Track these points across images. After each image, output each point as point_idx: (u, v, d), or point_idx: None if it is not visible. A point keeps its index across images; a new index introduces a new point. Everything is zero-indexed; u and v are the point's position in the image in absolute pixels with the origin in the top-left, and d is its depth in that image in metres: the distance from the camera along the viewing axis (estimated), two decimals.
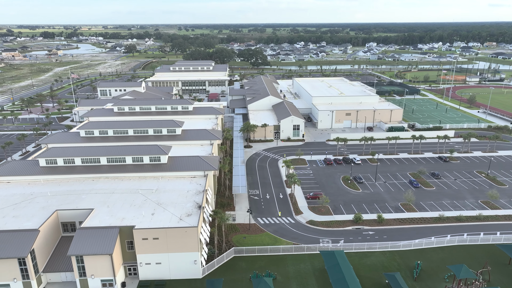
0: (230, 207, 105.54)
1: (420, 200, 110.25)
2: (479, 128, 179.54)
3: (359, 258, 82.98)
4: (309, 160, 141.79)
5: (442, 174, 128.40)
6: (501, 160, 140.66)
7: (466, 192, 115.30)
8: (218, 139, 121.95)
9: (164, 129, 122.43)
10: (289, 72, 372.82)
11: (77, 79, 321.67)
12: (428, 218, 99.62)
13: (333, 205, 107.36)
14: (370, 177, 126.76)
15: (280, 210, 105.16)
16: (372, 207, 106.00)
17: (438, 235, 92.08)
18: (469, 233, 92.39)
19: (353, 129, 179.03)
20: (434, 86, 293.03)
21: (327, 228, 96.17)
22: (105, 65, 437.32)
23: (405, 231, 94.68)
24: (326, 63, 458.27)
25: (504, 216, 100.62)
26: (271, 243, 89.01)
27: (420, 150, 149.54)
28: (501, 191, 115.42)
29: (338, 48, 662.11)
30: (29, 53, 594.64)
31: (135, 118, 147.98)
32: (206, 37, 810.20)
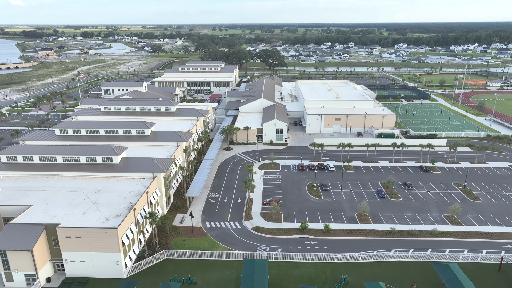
0: (184, 209, 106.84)
1: (380, 211, 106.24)
2: (477, 137, 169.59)
3: (288, 268, 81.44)
4: (283, 165, 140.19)
5: (416, 185, 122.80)
6: (487, 173, 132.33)
7: (433, 205, 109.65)
8: (185, 141, 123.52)
9: (134, 130, 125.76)
10: (302, 73, 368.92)
11: (84, 79, 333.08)
12: (378, 231, 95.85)
13: (287, 212, 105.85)
14: (339, 184, 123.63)
15: (232, 214, 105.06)
16: (326, 216, 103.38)
17: (384, 249, 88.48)
18: (415, 249, 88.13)
19: (343, 134, 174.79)
20: (449, 90, 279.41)
21: (270, 235, 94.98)
22: (128, 65, 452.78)
23: (349, 243, 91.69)
24: (346, 64, 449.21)
25: (462, 233, 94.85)
26: (208, 247, 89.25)
27: (401, 158, 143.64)
28: (473, 205, 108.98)
29: (365, 49, 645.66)
30: (63, 52, 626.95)
31: (119, 118, 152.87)
32: (234, 37, 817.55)
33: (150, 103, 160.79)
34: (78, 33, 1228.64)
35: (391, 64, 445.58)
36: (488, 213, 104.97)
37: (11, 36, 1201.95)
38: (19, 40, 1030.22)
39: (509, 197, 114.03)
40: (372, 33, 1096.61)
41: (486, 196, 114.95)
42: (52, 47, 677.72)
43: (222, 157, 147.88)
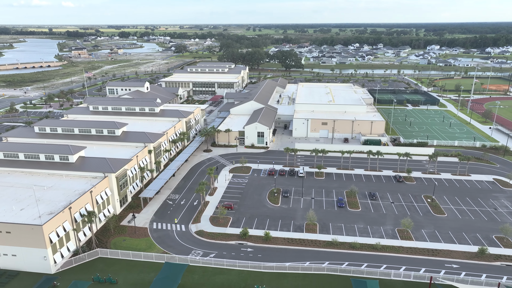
0: (139, 210, 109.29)
1: (332, 221, 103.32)
2: (471, 146, 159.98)
3: (212, 275, 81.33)
4: (255, 169, 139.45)
5: (383, 196, 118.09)
6: (466, 186, 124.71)
7: (391, 217, 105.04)
8: (152, 142, 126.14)
9: (105, 130, 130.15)
10: (316, 75, 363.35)
11: (91, 77, 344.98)
12: (320, 242, 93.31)
13: (237, 217, 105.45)
14: (304, 191, 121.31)
15: (183, 217, 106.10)
16: (274, 224, 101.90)
17: (318, 260, 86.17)
18: (351, 263, 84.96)
19: (329, 139, 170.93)
20: (465, 96, 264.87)
21: (211, 240, 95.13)
22: (150, 64, 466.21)
23: (286, 252, 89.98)
24: (368, 66, 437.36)
25: (408, 249, 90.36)
26: (144, 248, 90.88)
27: (377, 167, 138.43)
28: (434, 220, 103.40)
29: (394, 50, 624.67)
30: (95, 51, 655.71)
31: (104, 117, 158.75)
32: (261, 38, 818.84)
33: (135, 104, 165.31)
34: (116, 33, 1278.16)
35: (414, 67, 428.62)
36: (447, 228, 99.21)
37: (56, 36, 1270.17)
38: (62, 39, 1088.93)
39: (477, 213, 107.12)
40: (407, 33, 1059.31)
41: (453, 211, 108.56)
42: (86, 47, 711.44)
43: (198, 158, 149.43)
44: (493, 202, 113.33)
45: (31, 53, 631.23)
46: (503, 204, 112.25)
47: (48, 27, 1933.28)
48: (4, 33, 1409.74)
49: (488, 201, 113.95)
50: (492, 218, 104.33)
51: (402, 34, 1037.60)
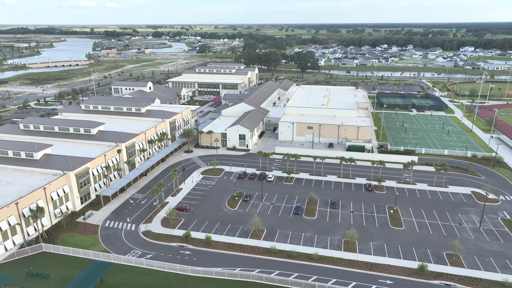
0: (98, 207, 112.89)
1: (282, 228, 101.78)
2: (462, 156, 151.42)
3: (140, 275, 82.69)
4: (228, 171, 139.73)
5: (345, 204, 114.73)
6: (438, 197, 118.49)
7: (344, 227, 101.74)
8: (123, 142, 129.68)
9: (82, 129, 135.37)
10: (330, 77, 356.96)
11: (97, 77, 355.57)
12: (260, 248, 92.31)
13: (189, 219, 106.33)
14: (267, 196, 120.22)
15: (138, 216, 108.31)
16: (223, 228, 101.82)
17: (250, 267, 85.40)
18: (281, 272, 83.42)
19: (315, 144, 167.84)
20: (479, 101, 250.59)
21: (154, 240, 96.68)
22: (171, 64, 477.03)
23: (222, 257, 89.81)
24: (390, 69, 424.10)
25: (346, 261, 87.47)
26: (87, 245, 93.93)
27: (350, 174, 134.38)
28: (389, 232, 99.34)
29: (422, 52, 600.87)
30: (124, 51, 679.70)
31: (93, 115, 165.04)
32: (288, 38, 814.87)
33: (123, 104, 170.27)
34: (150, 32, 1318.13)
35: (439, 70, 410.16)
36: (398, 242, 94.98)
37: (95, 36, 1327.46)
38: (99, 39, 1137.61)
39: (438, 228, 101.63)
40: (444, 34, 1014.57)
41: (413, 224, 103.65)
42: (117, 46, 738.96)
43: (177, 159, 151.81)
44: (461, 217, 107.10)
45: (66, 52, 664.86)
46: (470, 219, 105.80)
47: (91, 27, 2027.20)
48: (50, 33, 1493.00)
49: (456, 215, 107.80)
50: (452, 234, 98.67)
51: (439, 35, 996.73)
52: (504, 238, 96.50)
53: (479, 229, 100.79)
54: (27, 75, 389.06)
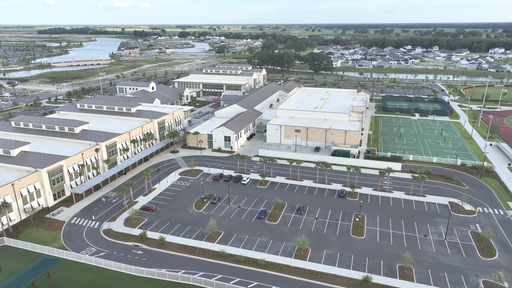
0: (70, 204, 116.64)
1: (239, 231, 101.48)
2: (450, 164, 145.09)
3: (86, 272, 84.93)
4: (206, 173, 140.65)
5: (312, 210, 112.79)
6: (412, 207, 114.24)
7: (303, 234, 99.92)
8: (102, 141, 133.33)
9: (66, 127, 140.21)
10: (341, 79, 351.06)
11: (103, 77, 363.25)
12: (210, 251, 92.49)
13: (151, 219, 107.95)
14: (237, 199, 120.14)
15: (104, 215, 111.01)
16: (182, 229, 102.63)
17: (196, 270, 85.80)
18: (224, 276, 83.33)
19: (302, 147, 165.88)
20: (489, 106, 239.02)
21: (112, 239, 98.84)
22: (187, 64, 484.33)
23: (172, 258, 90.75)
24: (407, 71, 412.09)
25: (293, 268, 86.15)
26: (48, 241, 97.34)
27: (326, 179, 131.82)
28: (347, 241, 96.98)
29: (447, 54, 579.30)
30: (147, 50, 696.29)
31: (87, 114, 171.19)
32: (310, 39, 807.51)
33: (114, 103, 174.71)
34: (177, 32, 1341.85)
35: (457, 72, 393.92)
36: (353, 252, 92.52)
37: (124, 35, 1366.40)
38: (127, 39, 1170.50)
39: (401, 239, 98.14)
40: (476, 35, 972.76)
41: (375, 233, 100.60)
42: (140, 46, 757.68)
43: (161, 159, 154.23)
44: (429, 228, 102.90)
45: (93, 52, 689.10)
46: (438, 231, 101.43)
47: (122, 27, 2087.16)
48: (83, 33, 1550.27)
49: (424, 226, 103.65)
50: (413, 246, 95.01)
51: (470, 35, 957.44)
52: (467, 253, 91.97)
53: (444, 242, 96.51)
54: (49, 73, 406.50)
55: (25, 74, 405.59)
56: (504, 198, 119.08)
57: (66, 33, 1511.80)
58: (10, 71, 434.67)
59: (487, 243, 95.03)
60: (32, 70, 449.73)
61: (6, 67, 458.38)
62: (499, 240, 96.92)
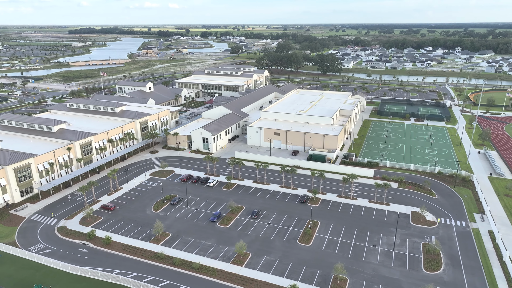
0: (36, 200, 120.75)
1: (189, 234, 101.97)
2: (427, 172, 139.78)
3: (27, 268, 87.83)
4: (176, 173, 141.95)
5: (269, 215, 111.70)
6: (370, 215, 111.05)
7: (250, 239, 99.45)
8: (75, 141, 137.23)
9: (45, 126, 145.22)
10: (346, 81, 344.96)
11: (105, 77, 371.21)
12: (150, 252, 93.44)
13: (107, 218, 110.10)
14: (197, 201, 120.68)
15: (65, 212, 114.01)
16: (132, 229, 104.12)
17: (132, 271, 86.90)
18: (156, 278, 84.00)
19: (282, 150, 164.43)
20: (493, 112, 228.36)
21: (63, 236, 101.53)
22: (199, 64, 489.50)
23: (113, 257, 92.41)
24: (421, 73, 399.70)
25: (225, 273, 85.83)
26: (2, 237, 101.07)
27: (291, 184, 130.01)
28: (291, 248, 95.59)
29: (468, 55, 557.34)
30: (166, 50, 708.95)
31: (74, 113, 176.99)
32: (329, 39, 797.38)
33: (100, 104, 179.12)
34: (199, 32, 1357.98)
35: (473, 75, 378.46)
36: (293, 259, 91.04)
37: (149, 35, 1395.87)
38: (151, 38, 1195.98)
39: (347, 248, 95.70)
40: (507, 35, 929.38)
41: (323, 241, 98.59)
42: (160, 46, 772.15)
43: (138, 159, 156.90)
44: (381, 238, 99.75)
45: (116, 51, 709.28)
46: (390, 241, 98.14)
47: (149, 27, 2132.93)
48: (111, 32, 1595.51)
49: (377, 236, 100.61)
50: (358, 256, 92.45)
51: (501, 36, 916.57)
52: (411, 265, 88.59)
53: (391, 253, 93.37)
54: (64, 72, 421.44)
55: (44, 73, 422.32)
56: (472, 209, 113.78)
57: (94, 33, 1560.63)
58: (30, 69, 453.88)
59: (435, 256, 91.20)
60: (52, 69, 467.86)
61: (27, 66, 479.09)
62: (450, 254, 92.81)
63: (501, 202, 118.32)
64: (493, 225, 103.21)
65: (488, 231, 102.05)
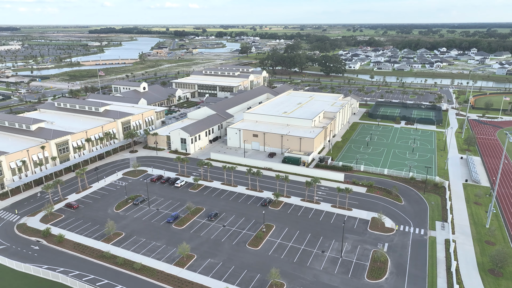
0: (5, 197, 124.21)
1: (139, 234, 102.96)
2: (400, 177, 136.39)
3: None
4: (149, 173, 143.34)
5: (226, 217, 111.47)
6: (328, 220, 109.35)
7: (202, 240, 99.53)
8: (50, 140, 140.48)
9: (24, 125, 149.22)
10: (348, 82, 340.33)
11: (103, 76, 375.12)
12: (99, 251, 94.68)
13: (67, 216, 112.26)
14: (162, 201, 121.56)
15: (31, 209, 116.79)
16: (88, 228, 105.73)
17: (74, 269, 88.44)
18: (96, 277, 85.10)
19: (260, 152, 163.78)
20: (490, 116, 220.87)
21: (20, 233, 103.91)
22: (205, 64, 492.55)
23: (61, 255, 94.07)
24: (428, 75, 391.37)
25: (165, 275, 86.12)
26: None
27: (258, 187, 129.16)
28: (238, 252, 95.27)
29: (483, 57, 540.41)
30: (177, 50, 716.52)
31: (60, 112, 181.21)
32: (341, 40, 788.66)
33: (86, 103, 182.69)
34: (214, 32, 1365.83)
35: (482, 77, 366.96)
36: (237, 263, 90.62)
37: (166, 35, 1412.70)
38: (167, 38, 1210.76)
39: (294, 252, 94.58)
40: None
41: (272, 245, 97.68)
42: (172, 46, 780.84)
43: (116, 158, 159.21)
44: (333, 244, 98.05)
45: (128, 51, 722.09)
46: (339, 248, 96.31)
47: (168, 27, 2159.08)
48: (129, 32, 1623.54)
49: (328, 242, 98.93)
50: (302, 261, 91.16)
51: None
52: (354, 273, 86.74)
53: (338, 260, 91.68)
54: (72, 72, 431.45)
55: (55, 72, 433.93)
56: (435, 217, 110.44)
57: (113, 33, 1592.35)
58: (41, 68, 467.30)
59: (382, 264, 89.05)
60: (63, 68, 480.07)
61: (39, 65, 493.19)
62: (398, 262, 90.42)
63: (468, 210, 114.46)
64: (451, 234, 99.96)
65: (445, 240, 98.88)
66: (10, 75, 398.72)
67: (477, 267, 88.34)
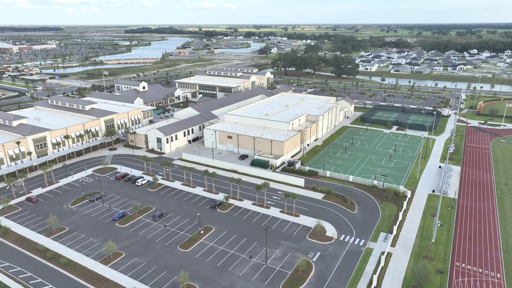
0: None
1: (83, 230, 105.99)
2: (363, 185, 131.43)
3: None
4: (117, 171, 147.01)
5: (171, 218, 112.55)
6: (271, 226, 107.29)
7: (134, 238, 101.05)
8: (29, 135, 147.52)
9: (7, 121, 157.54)
10: (355, 85, 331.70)
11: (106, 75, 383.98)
12: (36, 244, 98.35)
13: (24, 209, 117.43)
14: (118, 199, 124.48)
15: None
16: (38, 221, 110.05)
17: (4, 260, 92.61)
18: (22, 269, 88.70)
19: (233, 154, 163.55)
20: (492, 123, 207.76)
21: None
22: (222, 65, 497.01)
23: (5, 248, 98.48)
24: (447, 78, 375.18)
25: (86, 270, 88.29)
26: None
27: (213, 188, 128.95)
28: (169, 253, 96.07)
29: None
30: (199, 50, 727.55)
31: (52, 109, 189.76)
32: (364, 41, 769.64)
33: (73, 101, 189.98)
34: (243, 32, 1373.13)
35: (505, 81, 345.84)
36: (159, 264, 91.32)
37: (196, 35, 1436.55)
38: (195, 38, 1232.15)
39: (221, 256, 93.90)
40: None
41: (203, 248, 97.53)
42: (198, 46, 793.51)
43: (94, 155, 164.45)
44: (263, 250, 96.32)
45: (155, 50, 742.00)
46: (270, 254, 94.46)
47: (201, 27, 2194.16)
48: (162, 32, 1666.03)
49: (261, 247, 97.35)
50: (226, 265, 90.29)
51: None
52: (271, 281, 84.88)
53: (262, 266, 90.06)
54: (91, 70, 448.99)
55: (79, 70, 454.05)
56: (383, 228, 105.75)
57: (148, 32, 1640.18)
58: (66, 67, 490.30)
59: (303, 274, 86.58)
60: (87, 66, 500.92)
61: (65, 63, 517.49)
62: (321, 273, 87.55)
63: (421, 222, 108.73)
64: (389, 246, 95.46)
65: (382, 252, 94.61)
66: (34, 73, 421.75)
67: (402, 283, 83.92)
